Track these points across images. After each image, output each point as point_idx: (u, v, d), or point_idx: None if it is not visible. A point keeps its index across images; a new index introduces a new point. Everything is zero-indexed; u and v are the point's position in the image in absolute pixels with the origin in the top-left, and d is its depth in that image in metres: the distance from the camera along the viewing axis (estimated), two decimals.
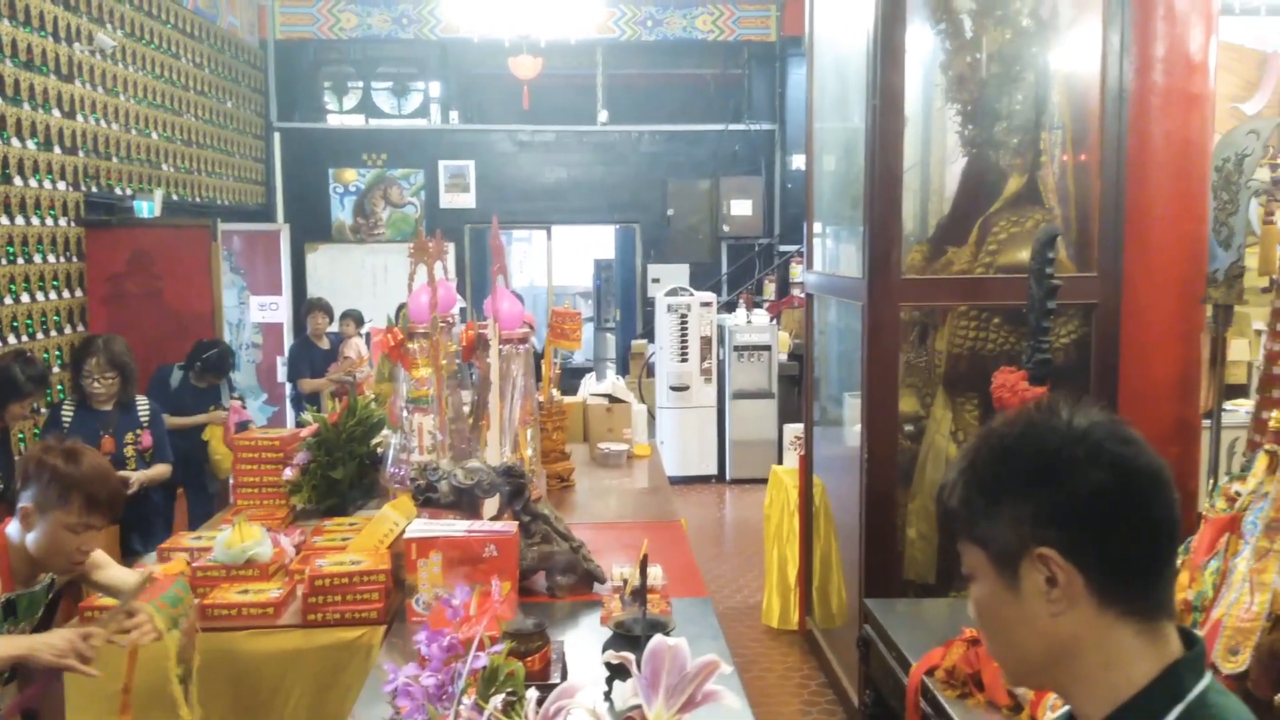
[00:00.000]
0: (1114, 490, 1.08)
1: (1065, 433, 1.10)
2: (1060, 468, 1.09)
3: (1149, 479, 1.10)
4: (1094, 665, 1.10)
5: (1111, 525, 1.08)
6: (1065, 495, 1.08)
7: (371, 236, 11.01)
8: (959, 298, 4.22)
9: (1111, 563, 1.08)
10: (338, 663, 2.95)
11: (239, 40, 10.01)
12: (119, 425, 4.67)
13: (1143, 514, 1.09)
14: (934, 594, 4.15)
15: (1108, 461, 1.08)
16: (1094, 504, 1.08)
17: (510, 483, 3.19)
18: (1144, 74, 4.06)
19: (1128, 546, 1.09)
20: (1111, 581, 1.08)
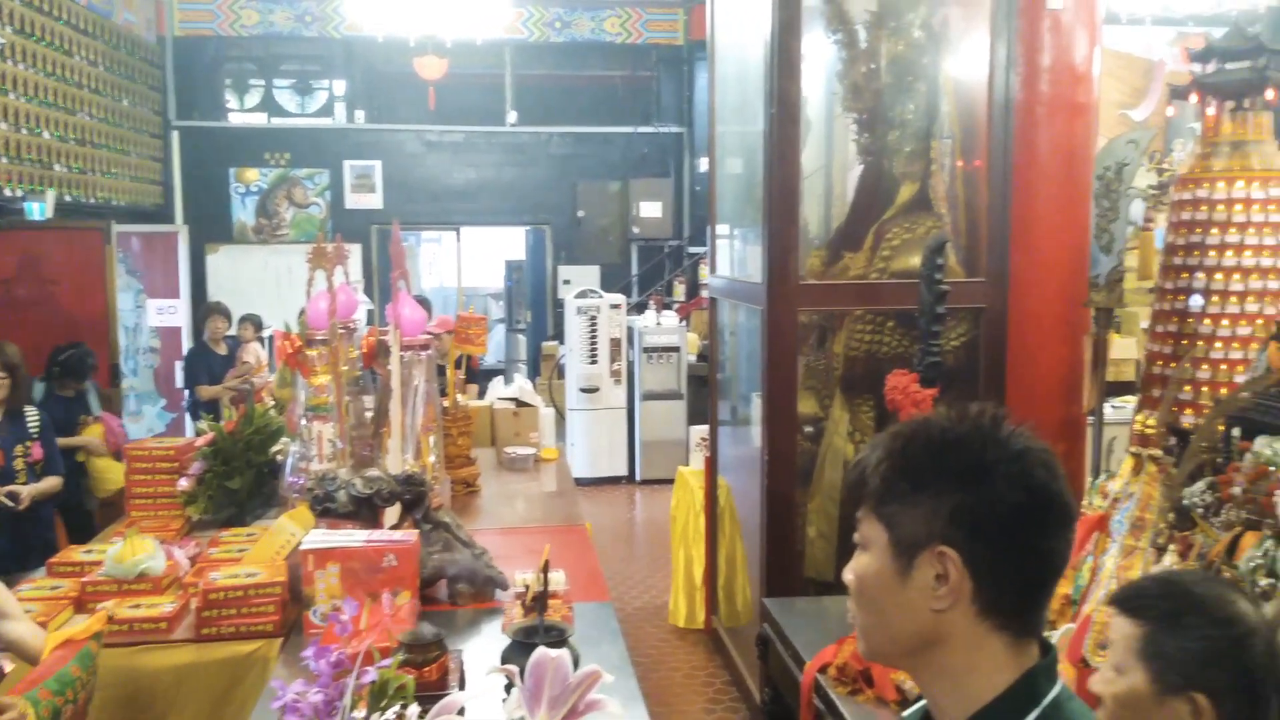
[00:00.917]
0: (1027, 514, 1.10)
1: (1003, 448, 1.12)
2: (988, 479, 1.11)
3: (1059, 512, 1.12)
4: (959, 666, 1.14)
5: (1014, 545, 1.11)
6: (985, 505, 1.11)
7: (275, 237, 10.80)
8: (855, 302, 4.32)
9: (1002, 578, 1.11)
10: (233, 677, 2.91)
11: (135, 37, 9.74)
12: (8, 436, 4.50)
13: (1044, 542, 1.12)
14: (833, 591, 4.23)
15: (1031, 486, 1.11)
16: (1006, 522, 1.10)
17: (410, 491, 3.17)
18: (1030, 84, 4.20)
19: (1021, 567, 1.12)
20: (997, 595, 1.11)
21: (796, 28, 4.08)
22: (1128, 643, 1.66)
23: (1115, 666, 1.67)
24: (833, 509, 4.27)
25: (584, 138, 11.43)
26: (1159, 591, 1.69)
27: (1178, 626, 1.62)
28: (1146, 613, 1.66)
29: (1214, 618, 1.61)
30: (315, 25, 10.89)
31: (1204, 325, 3.72)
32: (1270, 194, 3.68)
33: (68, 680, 2.50)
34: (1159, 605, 1.66)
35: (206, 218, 10.59)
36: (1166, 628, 1.63)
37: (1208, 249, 3.75)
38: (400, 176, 11.10)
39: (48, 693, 2.43)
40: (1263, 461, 2.38)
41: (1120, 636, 1.68)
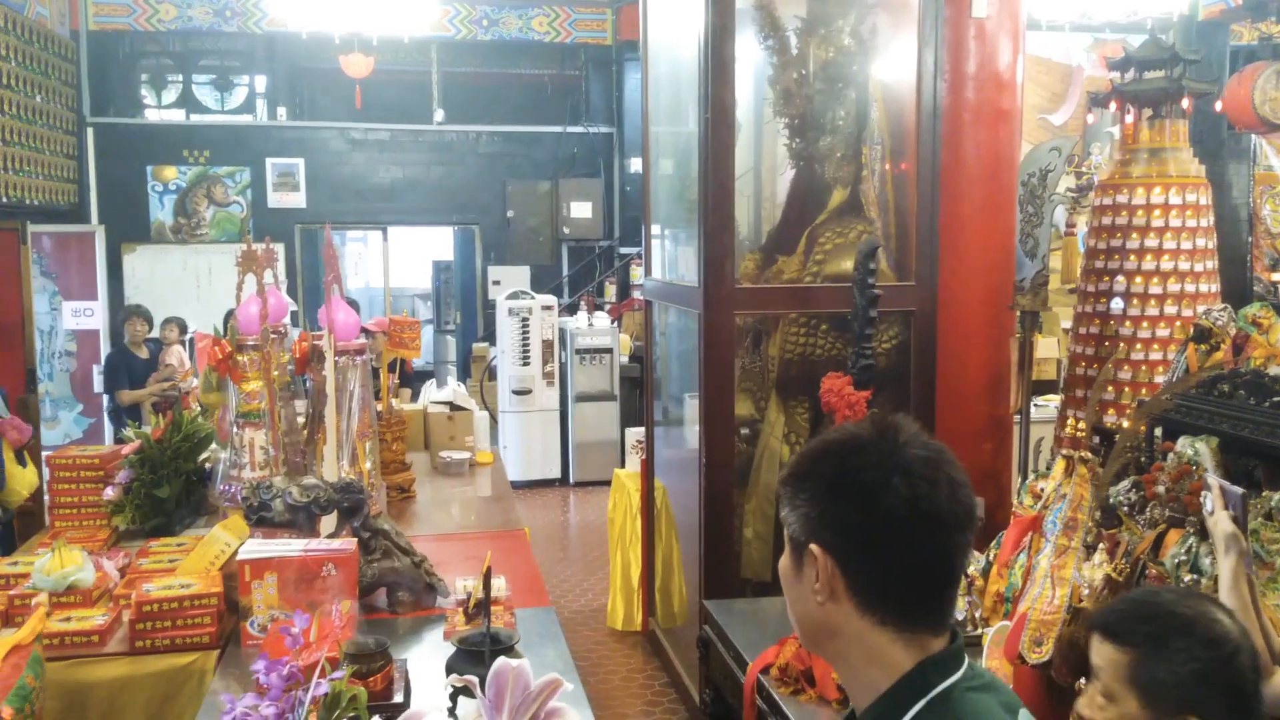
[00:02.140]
0: (901, 522, 1.16)
1: (886, 459, 1.18)
2: (855, 488, 1.18)
3: (940, 521, 1.17)
4: (854, 657, 1.22)
5: (885, 549, 1.17)
6: (850, 512, 1.18)
7: (194, 237, 10.55)
8: (790, 306, 4.37)
9: (875, 579, 1.18)
10: (169, 690, 2.85)
11: (48, 31, 9.43)
12: None
13: (922, 548, 1.17)
14: (771, 592, 4.28)
15: (913, 496, 1.16)
16: (874, 528, 1.17)
17: (348, 499, 3.14)
18: (957, 91, 4.30)
19: (896, 570, 1.18)
20: (872, 594, 1.18)
21: (730, 33, 4.12)
22: (1116, 670, 1.69)
23: (1104, 693, 1.70)
24: (769, 510, 4.33)
25: (512, 137, 11.37)
26: (1142, 615, 1.72)
27: (1166, 650, 1.65)
28: (1132, 638, 1.69)
29: (1201, 639, 1.65)
30: (235, 20, 10.66)
31: (1125, 327, 3.84)
32: (1187, 200, 3.82)
33: (26, 694, 2.43)
34: (1144, 629, 1.68)
35: (123, 217, 10.31)
36: (1154, 652, 1.66)
37: (1128, 253, 3.87)
38: (324, 175, 10.93)
39: (11, 711, 2.36)
40: (1185, 461, 2.47)
41: (1107, 663, 1.70)
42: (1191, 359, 3.12)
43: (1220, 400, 2.64)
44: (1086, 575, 2.25)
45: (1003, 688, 1.28)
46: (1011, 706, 1.24)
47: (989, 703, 1.20)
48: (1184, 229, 3.81)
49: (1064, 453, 2.47)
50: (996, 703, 1.21)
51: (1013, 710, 1.23)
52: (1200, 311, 3.38)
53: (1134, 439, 2.83)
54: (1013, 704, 1.25)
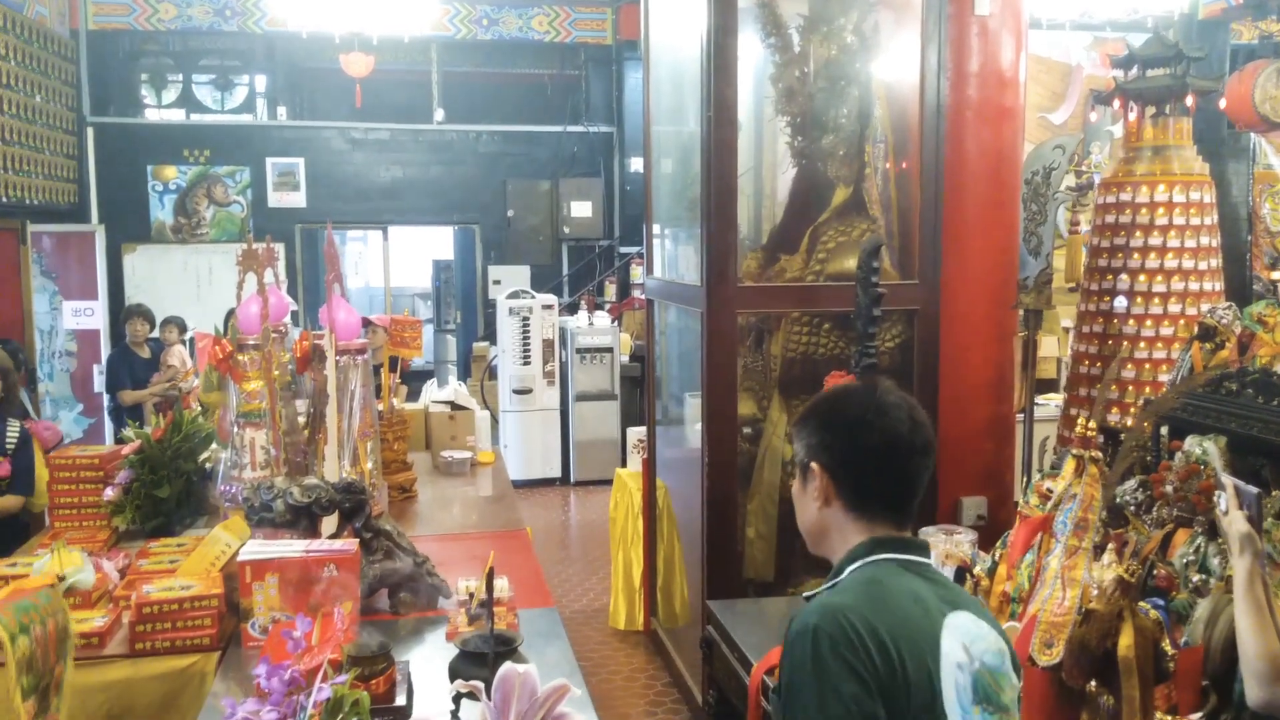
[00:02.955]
0: (876, 450, 1.60)
1: (868, 402, 1.63)
2: (848, 425, 1.63)
3: (904, 449, 1.60)
4: (837, 542, 1.66)
5: (863, 469, 1.62)
6: (843, 441, 1.63)
7: (194, 237, 10.53)
8: (792, 305, 4.36)
9: (857, 489, 1.63)
10: (169, 693, 2.83)
11: (48, 30, 9.41)
12: None
13: (889, 468, 1.61)
14: (773, 592, 4.28)
15: (884, 428, 1.60)
16: (859, 454, 1.62)
17: (349, 499, 3.12)
18: (959, 89, 4.28)
19: (874, 481, 1.62)
20: (855, 499, 1.63)
21: (733, 32, 4.10)
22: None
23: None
24: (772, 509, 4.31)
25: (513, 136, 11.35)
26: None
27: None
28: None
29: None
30: (235, 20, 10.63)
31: (1128, 326, 3.83)
32: (1191, 198, 3.81)
33: (29, 606, 2.36)
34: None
35: (123, 217, 10.27)
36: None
37: (1131, 251, 3.86)
38: (325, 174, 10.90)
39: (9, 612, 2.29)
40: (1193, 460, 2.46)
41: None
42: (1196, 358, 3.10)
43: (1228, 399, 2.62)
44: (1096, 576, 2.24)
45: (952, 589, 1.66)
46: (951, 601, 1.59)
47: (911, 584, 1.57)
48: (1188, 227, 3.80)
49: (1074, 452, 2.45)
50: (930, 592, 1.58)
51: (950, 605, 1.58)
52: (1204, 310, 3.36)
53: (1140, 438, 2.82)
54: (954, 600, 1.61)
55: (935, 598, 1.58)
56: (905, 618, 1.52)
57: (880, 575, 1.58)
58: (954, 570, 2.94)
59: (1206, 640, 2.08)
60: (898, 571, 1.58)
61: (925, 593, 1.57)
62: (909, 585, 1.57)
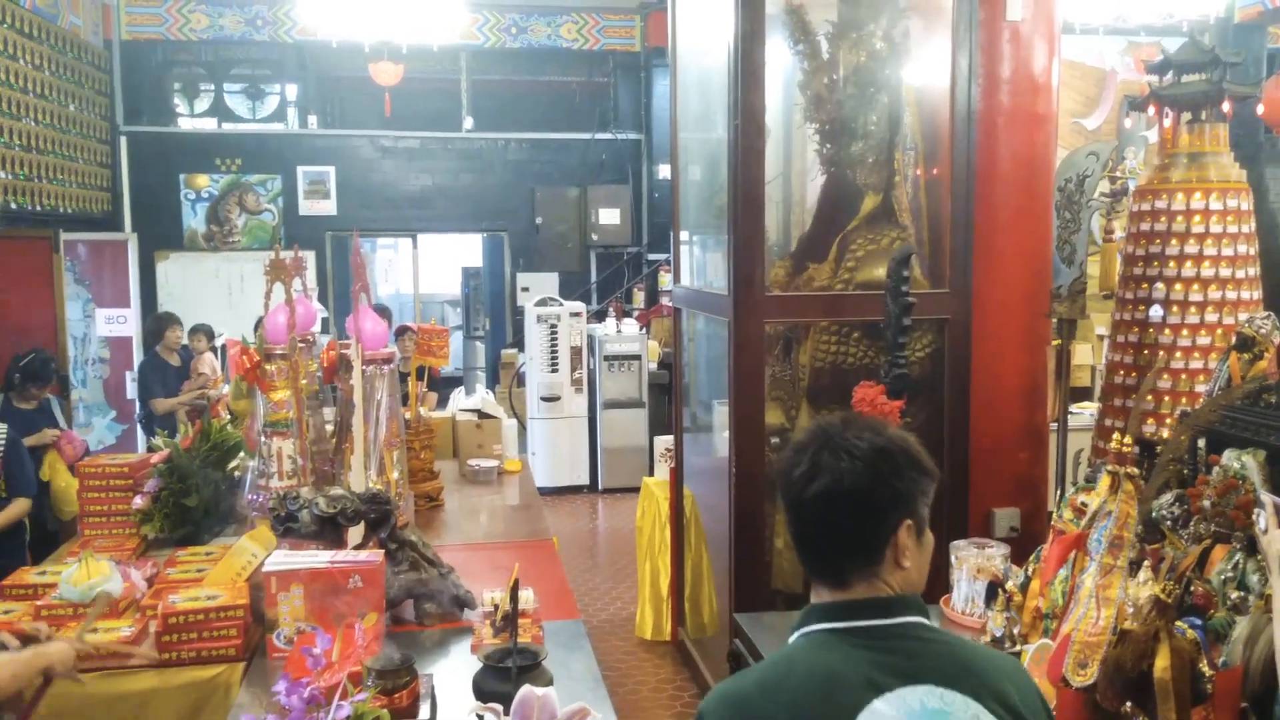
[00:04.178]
0: (786, 499, 1.51)
1: (803, 439, 1.51)
2: (779, 466, 1.53)
3: (814, 498, 1.46)
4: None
5: (787, 518, 1.51)
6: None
7: (226, 245, 10.62)
8: (821, 314, 4.32)
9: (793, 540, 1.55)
10: (195, 703, 2.83)
11: (81, 41, 9.53)
12: None
13: (795, 518, 1.50)
14: (801, 603, 4.20)
15: (790, 475, 1.49)
16: (785, 503, 1.53)
17: (375, 510, 3.12)
18: (991, 95, 4.23)
19: (793, 534, 1.53)
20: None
21: (760, 39, 4.07)
22: None
23: None
24: None
25: (541, 144, 11.37)
26: None
27: None
28: None
29: None
30: (266, 29, 10.73)
31: (1164, 335, 3.76)
32: (1228, 205, 3.73)
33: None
34: None
35: (156, 225, 10.39)
36: None
37: (1167, 259, 3.79)
38: (355, 182, 10.97)
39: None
40: (1231, 475, 2.40)
41: None
42: (1234, 368, 3.03)
43: (1267, 411, 2.56)
44: (1132, 594, 2.19)
45: (917, 658, 1.40)
46: (904, 674, 1.36)
47: (838, 659, 1.38)
48: (1225, 234, 3.72)
49: (1109, 468, 2.40)
50: (866, 668, 1.36)
51: (900, 678, 1.36)
52: (1242, 319, 3.29)
53: (1177, 451, 2.75)
54: (909, 672, 1.37)
55: (872, 673, 1.38)
56: (801, 707, 1.36)
57: (799, 653, 1.44)
58: (986, 585, 2.89)
59: (1245, 661, 2.02)
60: (826, 645, 1.42)
61: (855, 668, 1.38)
62: (832, 662, 1.39)
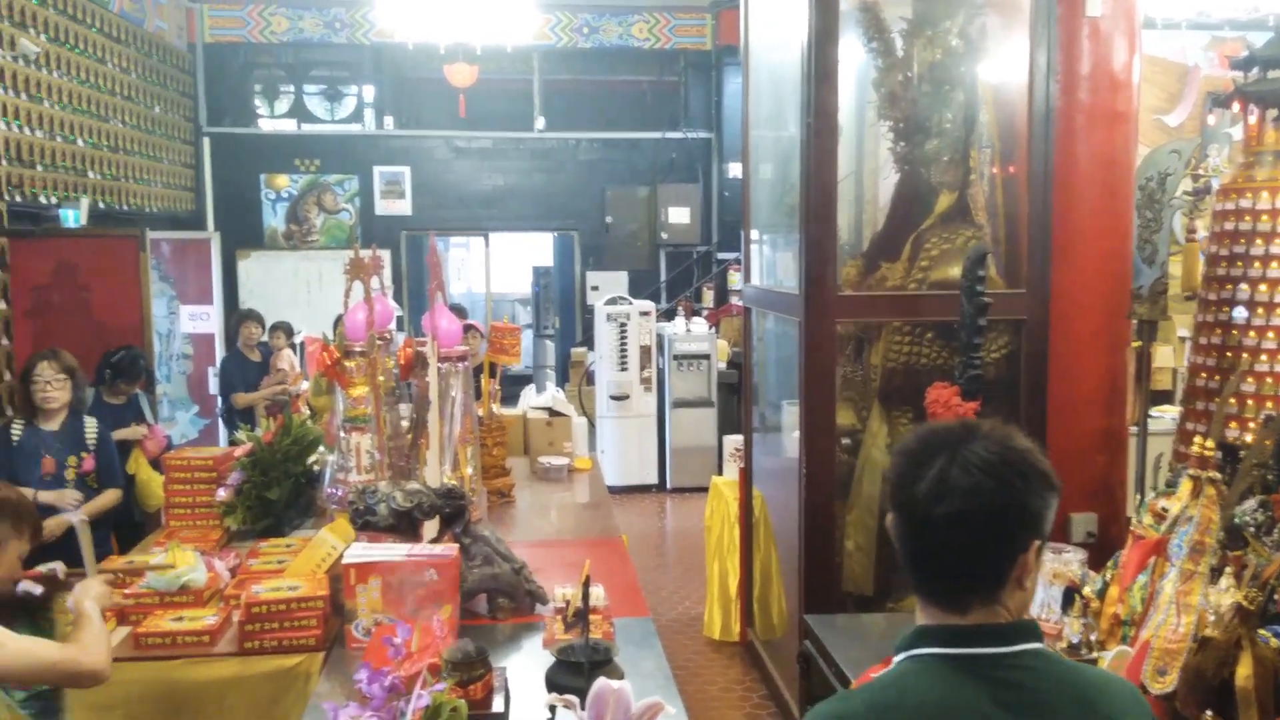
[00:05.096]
0: (910, 516, 1.40)
1: (919, 449, 1.40)
2: (895, 477, 1.41)
3: (918, 519, 1.38)
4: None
5: (901, 535, 1.40)
6: (892, 497, 1.42)
7: (305, 243, 10.86)
8: (893, 313, 4.28)
9: (904, 558, 1.42)
10: (275, 691, 2.91)
11: (166, 44, 9.81)
12: (63, 446, 4.47)
13: (919, 537, 1.39)
14: (872, 606, 4.21)
15: (919, 491, 1.37)
16: (899, 518, 1.41)
17: (450, 505, 3.17)
18: (1070, 92, 4.16)
19: (908, 553, 1.43)
20: (907, 569, 1.43)
21: (834, 37, 4.06)
22: None
23: None
24: (871, 522, 4.24)
25: (612, 143, 11.43)
26: None
27: None
28: None
29: None
30: (345, 32, 10.94)
31: (1248, 338, 3.66)
32: None
33: None
34: None
35: (238, 224, 10.67)
36: None
37: (1251, 260, 3.68)
38: (429, 182, 11.14)
39: None
40: None
41: None
42: None
43: None
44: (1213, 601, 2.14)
45: (1030, 691, 1.33)
46: (1019, 706, 1.30)
47: (949, 688, 1.31)
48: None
49: (1191, 473, 2.35)
50: (980, 698, 1.30)
51: (1013, 712, 1.30)
52: None
53: (1261, 456, 2.69)
54: (1027, 705, 1.31)
55: (987, 706, 1.32)
56: None
57: (909, 678, 1.36)
58: (1062, 590, 2.85)
59: None
60: (939, 672, 1.35)
61: (969, 701, 1.33)
62: (946, 692, 1.33)
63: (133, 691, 2.88)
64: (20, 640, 2.48)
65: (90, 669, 2.51)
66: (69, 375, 4.51)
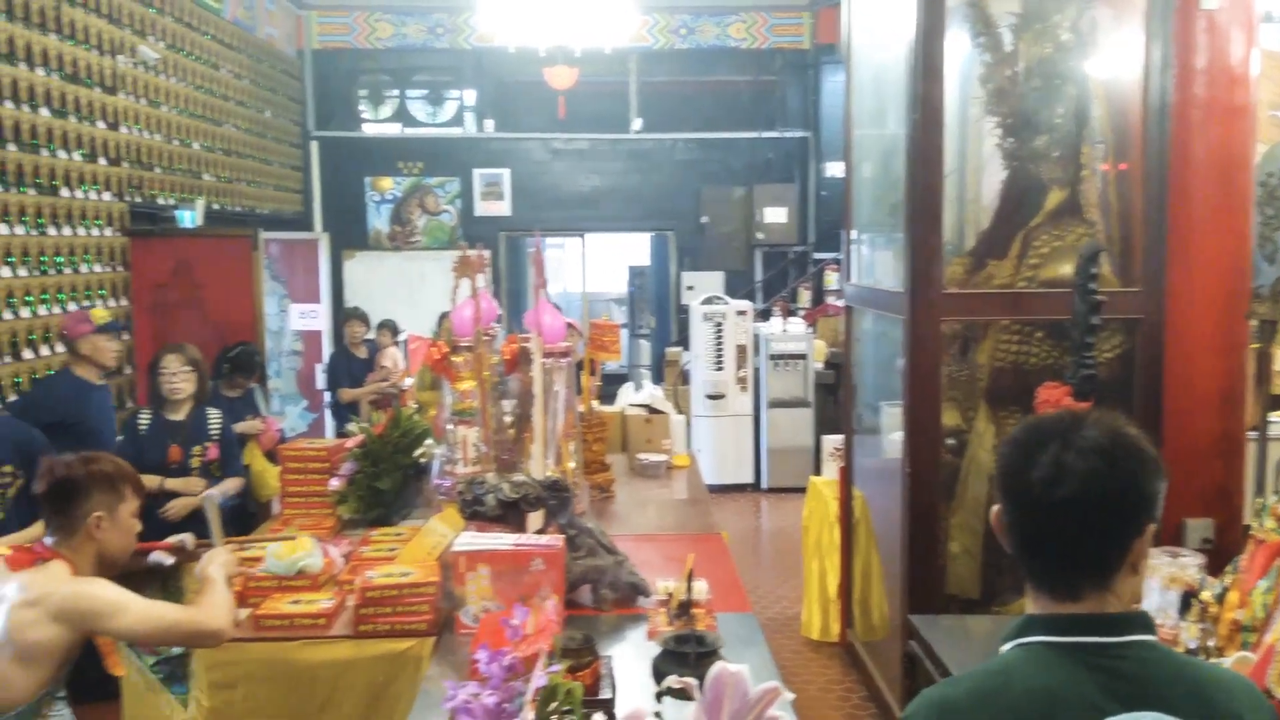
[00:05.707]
0: (1031, 503, 1.39)
1: (1038, 437, 1.40)
2: (1009, 467, 1.43)
3: (1066, 504, 1.36)
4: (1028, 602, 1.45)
5: (1021, 525, 1.41)
6: (1005, 487, 1.44)
7: (408, 244, 11.11)
8: (1001, 312, 4.22)
9: (1021, 547, 1.43)
10: (388, 674, 2.99)
11: (276, 50, 10.14)
12: (189, 436, 4.65)
13: (1045, 526, 1.38)
14: (977, 609, 4.14)
15: (1043, 477, 1.37)
16: (1017, 506, 1.41)
17: (555, 496, 3.22)
18: (1185, 87, 4.05)
19: (1028, 542, 1.43)
20: (1021, 558, 1.43)
21: (941, 32, 4.02)
22: None
23: None
24: (977, 524, 4.18)
25: (708, 143, 11.44)
26: None
27: None
28: None
29: None
30: (447, 37, 11.16)
31: None
32: None
33: None
34: None
35: (344, 225, 10.96)
36: None
37: None
38: (527, 184, 11.29)
39: None
40: None
41: None
42: None
43: None
44: None
45: (1140, 681, 1.31)
46: (1127, 697, 1.28)
47: (1056, 676, 1.30)
48: None
49: None
50: (1088, 688, 1.29)
51: (1121, 703, 1.28)
52: None
53: None
54: (1135, 695, 1.29)
55: (1095, 696, 1.30)
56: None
57: (1016, 665, 1.36)
58: (1180, 595, 2.77)
59: None
60: (1047, 660, 1.34)
61: (1077, 689, 1.31)
62: (1054, 680, 1.32)
63: (253, 670, 3.00)
64: (146, 603, 2.64)
65: (212, 628, 2.65)
66: (194, 367, 4.70)
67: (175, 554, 3.14)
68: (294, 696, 3.00)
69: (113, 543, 2.71)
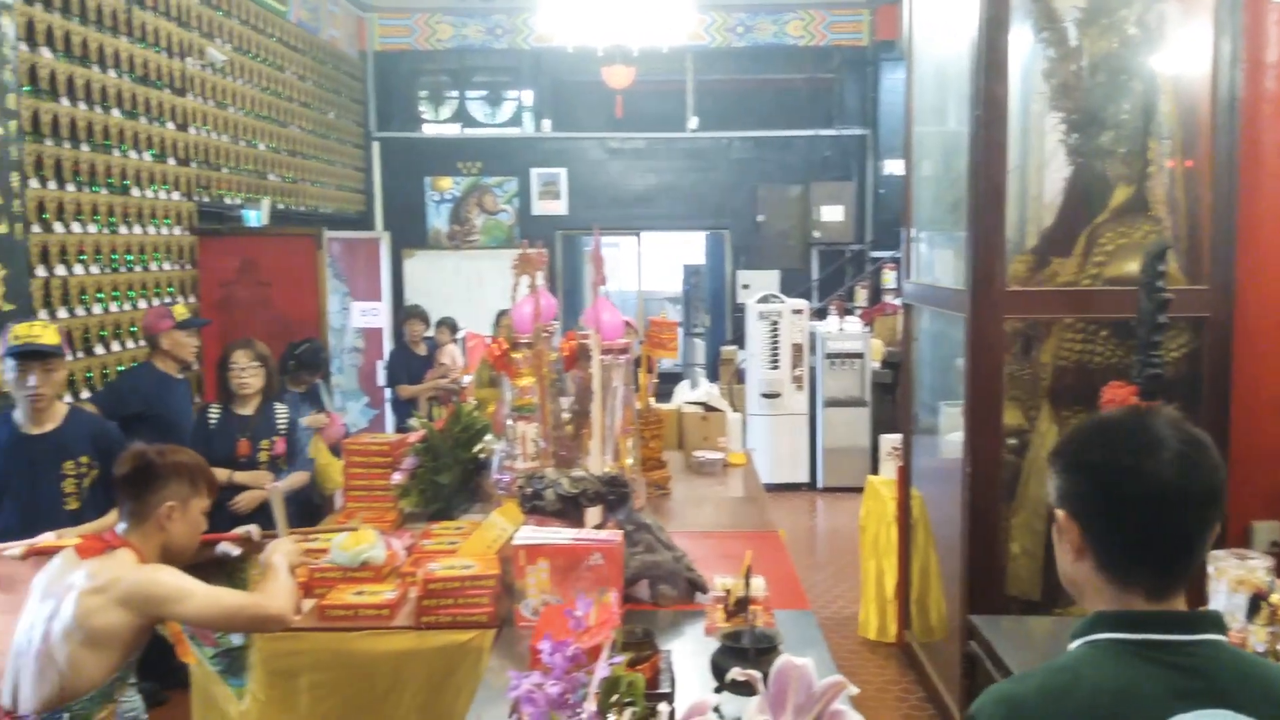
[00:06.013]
0: (1130, 501, 1.35)
1: (1128, 438, 1.38)
2: (1099, 466, 1.38)
3: (1169, 501, 1.33)
4: (1091, 605, 1.41)
5: (1113, 523, 1.37)
6: (1092, 486, 1.39)
7: (466, 243, 11.22)
8: (1065, 310, 4.17)
9: (1107, 545, 1.38)
10: (449, 665, 3.03)
11: (339, 52, 10.30)
12: (257, 430, 4.74)
13: (1145, 524, 1.35)
14: (1038, 611, 4.10)
15: (1143, 473, 1.34)
16: (1109, 504, 1.37)
17: (614, 492, 3.25)
18: (1255, 81, 3.97)
19: (1121, 540, 1.37)
20: (1105, 556, 1.38)
21: (1004, 27, 3.98)
22: None
23: None
24: (1039, 525, 4.13)
25: (764, 142, 11.41)
26: None
27: None
28: None
29: None
30: (506, 38, 11.26)
31: None
32: None
33: None
34: None
35: (404, 224, 11.11)
36: None
37: None
38: (584, 183, 11.35)
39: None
40: None
41: None
42: None
43: None
44: None
45: (1216, 677, 1.30)
46: (1199, 695, 1.27)
47: (1130, 675, 1.29)
48: None
49: None
50: (1161, 686, 1.28)
51: (1193, 700, 1.27)
52: None
53: None
54: (1209, 692, 1.28)
55: (1166, 694, 1.29)
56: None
57: (1085, 663, 1.34)
58: (1248, 598, 2.72)
59: None
60: (1117, 657, 1.33)
61: (1148, 687, 1.30)
62: (1124, 678, 1.31)
63: (318, 659, 3.06)
64: (210, 589, 2.72)
65: (274, 613, 2.72)
66: (262, 363, 4.80)
67: (241, 545, 3.22)
68: (356, 686, 3.05)
69: (180, 535, 2.78)
